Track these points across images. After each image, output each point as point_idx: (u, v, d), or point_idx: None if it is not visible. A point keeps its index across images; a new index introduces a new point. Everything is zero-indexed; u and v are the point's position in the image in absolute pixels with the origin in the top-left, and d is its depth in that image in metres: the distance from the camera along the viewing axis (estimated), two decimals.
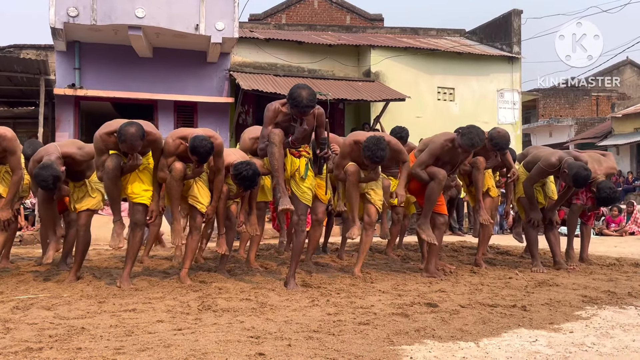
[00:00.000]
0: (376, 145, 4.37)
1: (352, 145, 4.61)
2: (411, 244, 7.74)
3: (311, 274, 4.73)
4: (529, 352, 2.54)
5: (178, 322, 2.97)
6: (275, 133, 3.89)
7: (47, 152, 4.24)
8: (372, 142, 4.38)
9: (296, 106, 3.84)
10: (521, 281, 4.59)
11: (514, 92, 13.51)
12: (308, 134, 4.10)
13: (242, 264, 5.20)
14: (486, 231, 5.59)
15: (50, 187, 4.03)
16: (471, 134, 4.44)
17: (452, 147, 4.61)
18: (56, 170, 4.01)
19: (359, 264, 4.75)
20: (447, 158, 4.68)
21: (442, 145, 4.60)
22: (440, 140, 4.61)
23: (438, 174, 4.54)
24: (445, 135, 4.68)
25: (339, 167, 4.72)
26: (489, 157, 5.38)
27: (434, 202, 4.64)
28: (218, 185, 4.35)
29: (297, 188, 4.11)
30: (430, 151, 4.62)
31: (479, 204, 5.26)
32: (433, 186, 4.57)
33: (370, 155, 4.39)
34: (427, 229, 4.65)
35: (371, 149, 4.38)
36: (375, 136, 4.46)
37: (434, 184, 4.56)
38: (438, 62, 12.88)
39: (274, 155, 3.86)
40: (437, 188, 4.56)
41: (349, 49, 12.67)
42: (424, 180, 4.63)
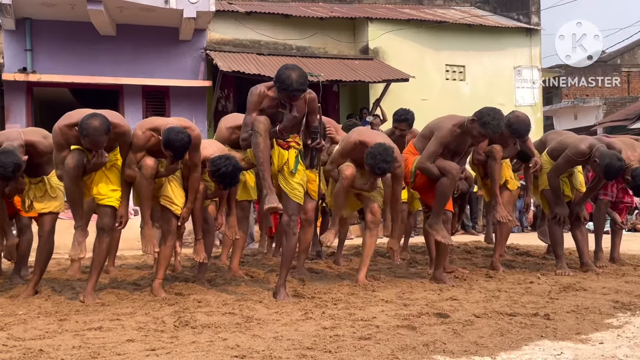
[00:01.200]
0: (381, 156, 4.37)
1: (357, 146, 4.61)
2: (417, 245, 7.77)
3: (304, 283, 4.74)
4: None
5: (151, 341, 2.97)
6: (260, 121, 3.88)
7: (9, 138, 4.22)
8: (377, 151, 4.38)
9: (284, 90, 3.84)
10: (544, 286, 4.62)
11: (533, 69, 13.56)
12: (298, 122, 4.10)
13: (225, 273, 5.20)
14: (504, 229, 5.62)
15: (9, 176, 4.00)
16: (495, 120, 4.41)
17: (460, 134, 4.60)
18: (18, 158, 3.99)
19: (363, 269, 4.76)
20: (453, 146, 4.67)
21: (451, 131, 4.58)
22: (448, 125, 4.59)
23: (451, 169, 4.52)
24: (452, 120, 4.65)
25: (334, 163, 4.72)
26: (507, 145, 5.39)
27: (447, 201, 4.65)
28: (194, 183, 4.34)
29: (286, 184, 4.11)
30: (438, 140, 4.59)
31: (496, 199, 5.29)
32: (445, 183, 4.55)
33: (372, 164, 4.40)
34: (440, 229, 4.65)
35: (375, 158, 4.38)
36: (384, 145, 4.44)
37: (446, 181, 4.54)
38: (446, 36, 12.89)
39: (258, 146, 3.85)
40: (450, 185, 4.56)
41: (343, 23, 12.65)
42: (435, 175, 4.60)
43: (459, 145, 4.71)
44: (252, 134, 3.90)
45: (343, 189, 4.60)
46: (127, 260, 6.71)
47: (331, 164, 4.77)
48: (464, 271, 5.34)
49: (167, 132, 3.99)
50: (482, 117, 4.44)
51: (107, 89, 10.96)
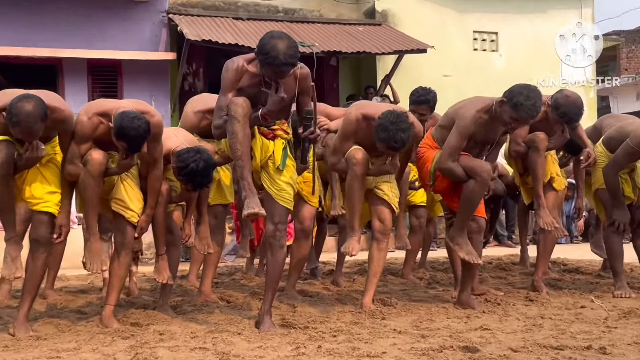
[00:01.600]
0: (395, 125, 4.37)
1: (360, 122, 4.62)
2: (439, 261, 7.78)
3: (295, 309, 4.74)
4: None
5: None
6: (237, 104, 3.88)
7: None
8: (389, 120, 4.39)
9: (269, 64, 3.84)
10: (599, 311, 4.63)
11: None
12: (287, 105, 4.11)
13: (194, 297, 5.20)
14: (548, 240, 5.62)
15: None
16: (530, 100, 4.40)
17: (488, 120, 4.60)
18: None
19: (369, 291, 4.76)
20: (481, 136, 4.68)
21: (474, 119, 4.58)
22: (471, 112, 4.59)
23: (481, 171, 4.52)
24: (476, 104, 4.65)
25: (338, 152, 4.72)
26: (553, 132, 5.40)
27: (473, 209, 4.66)
28: (155, 183, 4.35)
29: (272, 184, 4.12)
30: (459, 131, 4.59)
31: (539, 201, 5.30)
32: (473, 188, 4.55)
33: (387, 138, 4.39)
34: (464, 243, 4.66)
35: (388, 130, 4.37)
36: (394, 111, 4.46)
37: (474, 185, 4.54)
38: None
39: (236, 135, 3.86)
40: (479, 190, 4.57)
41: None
42: (459, 177, 4.61)
43: (488, 135, 4.72)
44: (228, 120, 3.90)
45: (357, 177, 4.58)
46: (69, 281, 6.69)
47: (334, 154, 4.76)
48: (497, 293, 5.35)
49: (120, 118, 3.98)
50: (513, 98, 4.44)
51: (43, 63, 10.92)
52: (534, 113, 4.47)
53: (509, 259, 8.03)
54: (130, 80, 11.04)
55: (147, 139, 4.08)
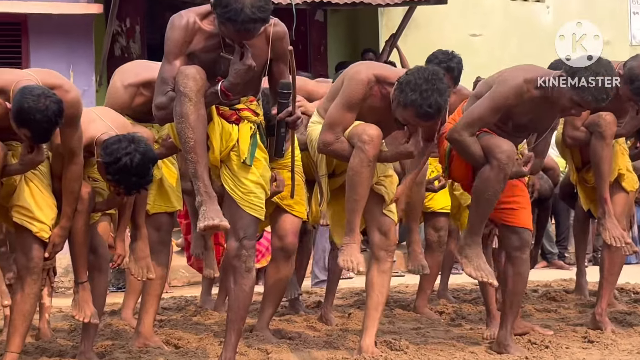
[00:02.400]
0: (430, 83, 4.29)
1: (372, 86, 4.56)
2: (465, 288, 7.79)
3: (269, 356, 4.74)
4: None
5: None
6: (188, 75, 3.90)
7: None
8: (422, 76, 4.31)
9: (231, 20, 3.83)
10: None
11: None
12: (256, 77, 4.12)
13: (129, 340, 5.19)
14: (615, 260, 5.64)
15: None
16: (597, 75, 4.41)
17: (539, 99, 4.60)
18: None
19: (369, 330, 4.72)
20: (526, 117, 4.69)
21: (518, 89, 4.57)
22: (516, 80, 4.59)
23: (498, 152, 4.48)
24: (527, 71, 4.67)
25: (335, 126, 4.60)
26: (624, 113, 5.43)
27: (491, 204, 4.64)
28: (72, 184, 4.34)
29: (236, 184, 4.13)
30: (492, 98, 4.60)
31: (604, 207, 5.33)
32: (488, 176, 4.53)
33: (417, 101, 4.28)
34: (473, 256, 4.69)
35: (420, 89, 4.26)
36: (426, 68, 4.44)
37: (489, 172, 4.52)
38: None
39: (186, 119, 3.87)
40: (496, 179, 4.54)
41: None
42: (473, 156, 4.62)
43: (538, 120, 4.74)
44: (175, 97, 3.91)
45: (368, 162, 4.45)
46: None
47: (330, 128, 4.62)
48: (545, 332, 5.36)
49: (20, 95, 3.96)
50: (575, 73, 4.44)
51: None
52: (603, 97, 4.47)
53: (561, 285, 8.07)
54: (40, 42, 10.95)
55: (60, 124, 4.05)
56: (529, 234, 4.90)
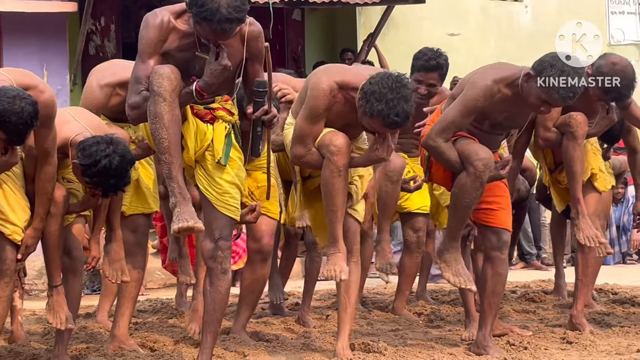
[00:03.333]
0: (395, 91, 4.29)
1: (334, 94, 4.56)
2: (444, 290, 7.80)
3: (245, 358, 4.74)
4: None
5: None
6: (163, 75, 3.89)
7: None
8: (386, 84, 4.31)
9: (207, 20, 3.83)
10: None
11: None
12: (231, 77, 4.13)
13: (105, 343, 5.17)
14: (591, 260, 5.68)
15: None
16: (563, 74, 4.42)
17: (511, 97, 4.62)
18: None
19: (343, 333, 4.76)
20: (501, 115, 4.71)
21: (488, 90, 4.59)
22: (486, 81, 4.61)
23: (475, 159, 4.50)
24: (496, 71, 4.69)
25: (304, 137, 4.65)
26: (595, 113, 5.46)
27: (467, 210, 4.67)
28: (46, 185, 4.33)
29: (210, 184, 4.13)
30: (463, 102, 4.62)
31: (577, 207, 5.35)
32: (464, 183, 4.56)
33: (384, 110, 4.29)
34: (452, 260, 4.71)
35: (385, 98, 4.27)
36: (390, 74, 4.43)
37: (466, 180, 4.55)
38: None
39: (161, 119, 3.86)
40: (472, 187, 4.56)
41: None
42: (449, 162, 4.65)
43: (512, 118, 4.77)
44: (150, 97, 3.89)
45: (338, 172, 4.49)
46: None
47: (299, 142, 4.64)
48: (523, 333, 5.37)
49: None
50: (543, 71, 4.46)
51: None
52: (570, 94, 4.47)
53: (540, 286, 8.10)
54: (13, 40, 10.89)
55: (35, 125, 4.03)
56: (508, 235, 4.91)
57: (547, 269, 10.01)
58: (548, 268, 9.92)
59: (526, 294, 7.46)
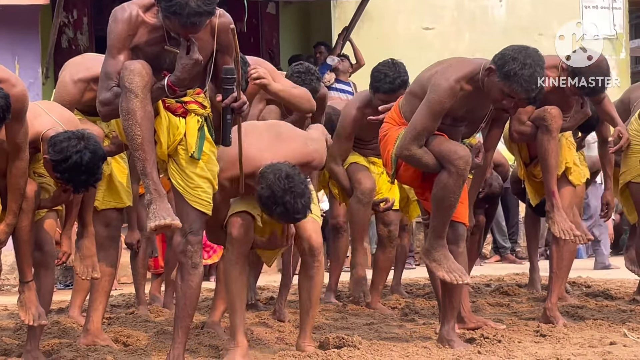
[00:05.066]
0: (289, 192, 4.25)
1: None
2: (419, 283, 7.82)
3: (219, 353, 4.73)
4: None
5: None
6: (134, 70, 3.89)
7: None
8: (279, 187, 4.28)
9: (176, 14, 3.82)
10: (634, 349, 4.69)
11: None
12: (202, 69, 4.12)
13: (77, 338, 5.17)
14: (565, 253, 5.71)
15: None
16: (528, 68, 4.43)
17: (473, 92, 4.64)
18: None
19: (305, 330, 4.80)
20: (462, 110, 4.73)
21: (452, 91, 4.58)
22: (448, 81, 4.60)
23: (455, 158, 4.52)
24: (456, 69, 4.68)
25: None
26: (569, 107, 5.50)
27: (452, 209, 4.68)
28: (17, 180, 4.31)
29: (183, 179, 4.13)
30: (429, 107, 4.60)
31: (553, 199, 5.38)
32: (447, 182, 4.57)
33: (284, 212, 4.29)
34: (442, 258, 4.71)
35: (282, 201, 4.24)
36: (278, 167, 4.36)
37: (447, 178, 4.56)
38: None
39: (133, 115, 3.86)
40: (455, 184, 4.57)
41: None
42: (427, 166, 4.66)
43: (475, 112, 4.79)
44: (121, 93, 3.89)
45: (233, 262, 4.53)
46: None
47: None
48: (497, 326, 5.41)
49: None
50: (504, 65, 4.46)
51: None
52: (531, 87, 4.48)
53: (514, 279, 8.15)
54: None
55: (7, 119, 4.01)
56: (464, 228, 4.95)
57: (521, 262, 10.08)
58: (522, 261, 9.99)
59: (500, 288, 7.51)
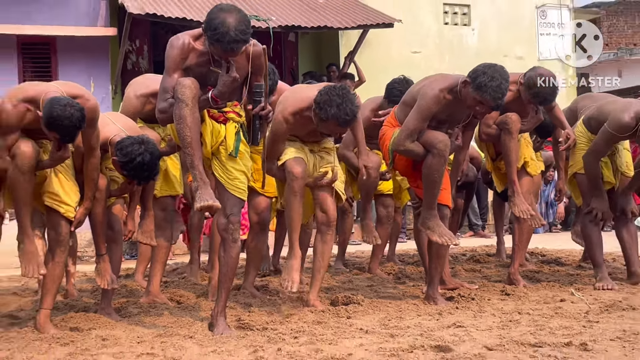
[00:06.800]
0: (342, 97, 4.44)
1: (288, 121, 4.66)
2: (409, 254, 7.83)
3: (252, 309, 4.75)
4: None
5: None
6: (185, 85, 3.88)
7: None
8: (335, 93, 4.46)
9: (218, 41, 3.83)
10: (579, 305, 4.71)
11: (562, 8, 13.73)
12: (239, 86, 4.12)
13: (140, 297, 5.19)
14: (524, 229, 5.71)
15: None
16: (494, 81, 4.46)
17: (452, 101, 4.67)
18: None
19: (314, 287, 4.84)
20: (444, 116, 4.76)
21: (436, 99, 4.64)
22: (433, 91, 4.65)
23: (436, 142, 4.60)
24: (439, 82, 4.72)
25: (271, 156, 4.73)
26: (526, 113, 5.50)
27: (438, 184, 4.71)
28: (92, 173, 4.33)
29: (224, 172, 4.13)
30: (419, 113, 4.66)
31: (513, 188, 5.39)
32: (432, 163, 4.62)
33: (337, 114, 4.44)
34: (435, 226, 4.73)
35: (336, 103, 4.42)
36: (334, 85, 4.55)
37: (432, 160, 4.62)
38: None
39: (184, 120, 3.86)
40: (439, 163, 4.62)
41: None
42: (418, 155, 4.70)
43: (453, 115, 4.81)
44: (175, 103, 3.89)
45: (295, 193, 4.68)
46: (0, 282, 6.59)
47: (268, 158, 4.73)
48: (471, 287, 5.42)
49: (50, 104, 3.92)
50: (477, 78, 4.50)
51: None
52: (498, 95, 4.51)
53: (484, 250, 8.14)
54: (66, 59, 10.84)
55: (83, 127, 4.04)
56: (448, 210, 4.95)
57: (490, 236, 10.06)
58: (491, 236, 9.98)
59: (473, 257, 7.54)
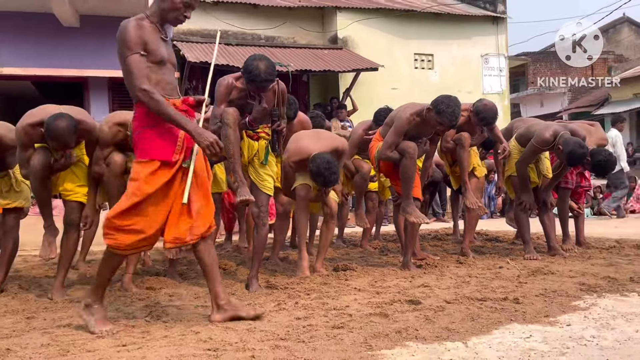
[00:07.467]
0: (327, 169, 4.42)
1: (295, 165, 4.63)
2: (389, 234, 7.82)
3: (277, 273, 4.76)
4: (522, 349, 2.61)
5: (122, 337, 2.93)
6: (229, 113, 3.87)
7: None
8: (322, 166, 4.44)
9: (252, 81, 3.83)
10: (513, 270, 4.70)
11: (500, 57, 13.72)
12: (268, 113, 4.10)
13: (195, 266, 5.14)
14: (473, 216, 5.70)
15: None
16: (450, 107, 4.47)
17: (420, 122, 4.68)
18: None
19: (319, 259, 4.82)
20: (414, 133, 4.78)
21: (408, 121, 4.67)
22: (406, 115, 4.68)
23: (407, 148, 4.62)
24: (411, 108, 4.73)
25: (285, 184, 4.72)
26: (475, 132, 5.49)
27: (412, 179, 4.71)
28: None
29: (257, 176, 4.12)
30: (396, 130, 4.69)
31: (465, 186, 5.37)
32: (405, 163, 4.64)
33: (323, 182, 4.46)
34: (413, 210, 4.70)
35: (323, 174, 4.44)
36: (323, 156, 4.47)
37: (405, 161, 4.64)
38: (414, 25, 12.97)
39: (229, 138, 3.85)
40: (411, 164, 4.63)
41: (311, 12, 12.61)
42: (395, 160, 4.72)
43: (420, 132, 4.81)
44: (222, 126, 3.88)
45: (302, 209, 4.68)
46: (96, 255, 6.59)
47: (286, 178, 4.71)
48: (434, 258, 5.40)
49: None
50: (438, 106, 4.51)
51: (72, 81, 10.72)
52: (453, 118, 4.51)
53: (444, 231, 8.11)
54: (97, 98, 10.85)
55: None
56: (419, 202, 4.92)
57: (448, 221, 10.03)
58: (449, 221, 9.95)
59: (436, 236, 7.50)
